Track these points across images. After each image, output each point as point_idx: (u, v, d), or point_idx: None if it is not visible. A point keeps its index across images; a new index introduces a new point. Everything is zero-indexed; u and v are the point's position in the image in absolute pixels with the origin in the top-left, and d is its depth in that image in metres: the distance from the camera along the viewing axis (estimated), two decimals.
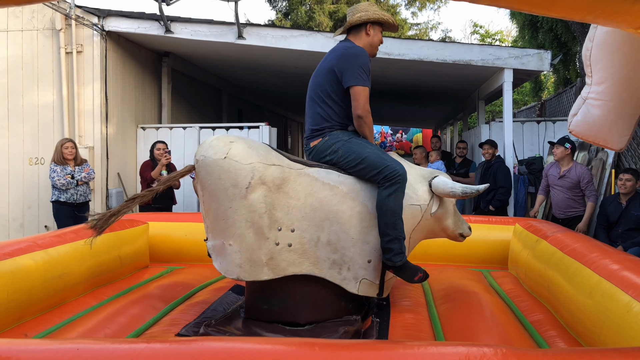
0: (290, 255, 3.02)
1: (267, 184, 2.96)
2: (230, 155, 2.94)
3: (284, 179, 3.00)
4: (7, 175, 7.48)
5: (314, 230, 3.05)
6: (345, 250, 3.08)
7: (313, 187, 3.06)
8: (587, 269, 2.96)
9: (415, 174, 3.35)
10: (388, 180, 3.04)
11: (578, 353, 1.83)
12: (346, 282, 3.10)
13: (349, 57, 3.17)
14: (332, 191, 3.08)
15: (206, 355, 1.81)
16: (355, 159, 3.11)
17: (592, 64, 3.01)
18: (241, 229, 2.94)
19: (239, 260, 2.97)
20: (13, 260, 3.19)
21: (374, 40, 3.34)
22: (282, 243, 3.00)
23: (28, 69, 7.50)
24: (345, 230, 3.07)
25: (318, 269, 3.07)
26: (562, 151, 5.90)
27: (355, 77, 3.13)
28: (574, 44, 10.73)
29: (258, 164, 2.94)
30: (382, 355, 1.79)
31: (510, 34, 23.78)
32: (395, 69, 8.13)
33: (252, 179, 2.92)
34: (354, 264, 3.10)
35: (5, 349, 1.83)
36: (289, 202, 3.02)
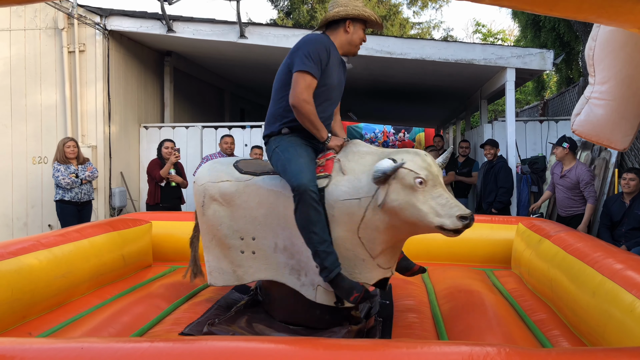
0: (255, 262, 3.21)
1: (217, 200, 3.27)
2: (195, 180, 3.47)
3: (233, 192, 3.23)
4: (11, 175, 7.50)
5: (271, 236, 3.13)
6: (300, 256, 2.99)
7: (260, 195, 3.14)
8: (590, 268, 2.95)
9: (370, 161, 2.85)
10: (292, 193, 2.82)
11: (582, 352, 1.83)
12: (305, 289, 3.00)
13: (300, 45, 2.94)
14: (277, 197, 3.05)
15: (210, 354, 1.82)
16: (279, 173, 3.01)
17: (595, 63, 3.00)
18: (207, 242, 3.38)
19: (209, 268, 3.39)
20: (17, 259, 3.20)
21: (354, 38, 3.08)
22: (247, 251, 3.22)
23: (31, 68, 7.52)
24: (296, 234, 2.93)
25: (279, 274, 3.13)
26: (560, 151, 5.92)
27: (300, 62, 2.87)
28: (576, 43, 10.71)
29: (208, 183, 3.32)
30: (385, 355, 1.80)
31: (513, 33, 23.75)
32: (397, 68, 8.12)
33: (204, 197, 3.33)
34: (309, 269, 2.95)
35: (9, 348, 1.84)
36: (244, 213, 3.20)
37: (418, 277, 4.28)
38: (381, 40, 7.36)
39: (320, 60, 2.91)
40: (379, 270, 2.92)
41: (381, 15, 20.45)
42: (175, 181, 6.44)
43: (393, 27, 20.81)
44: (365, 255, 2.87)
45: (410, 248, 3.81)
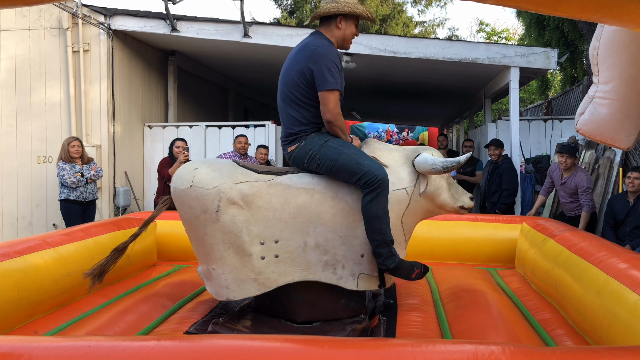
0: (279, 266, 3.05)
1: (237, 203, 2.99)
2: (195, 183, 3.00)
3: (254, 194, 3.02)
4: (16, 174, 7.53)
5: (298, 236, 3.06)
6: (336, 250, 3.06)
7: (288, 194, 3.05)
8: (594, 267, 2.95)
9: (398, 156, 3.23)
10: (368, 186, 2.92)
11: (586, 351, 1.83)
12: (343, 281, 3.09)
13: (318, 59, 3.00)
14: (309, 194, 3.05)
15: (215, 353, 1.83)
16: (332, 165, 3.01)
17: (599, 62, 3.00)
18: (220, 252, 3.01)
19: (225, 282, 3.04)
20: (23, 258, 3.22)
21: (346, 33, 3.15)
22: (268, 256, 3.04)
23: (35, 68, 7.55)
24: (331, 229, 3.04)
25: (311, 273, 3.07)
26: (572, 161, 5.83)
27: (325, 80, 2.98)
28: (580, 42, 10.69)
29: (223, 185, 2.98)
30: (390, 354, 1.80)
31: (517, 32, 23.70)
32: (401, 67, 8.12)
33: (219, 201, 2.96)
34: (348, 261, 3.08)
35: (18, 346, 1.85)
36: (267, 215, 3.03)
37: None
38: (385, 39, 7.37)
39: (339, 71, 3.07)
40: (405, 252, 3.28)
41: (385, 15, 20.43)
42: None
43: (397, 26, 20.79)
44: (401, 239, 3.23)
45: (415, 247, 3.82)
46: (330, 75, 2.98)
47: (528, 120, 8.66)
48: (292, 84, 3.12)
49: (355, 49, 7.25)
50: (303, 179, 3.09)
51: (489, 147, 6.93)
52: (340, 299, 3.16)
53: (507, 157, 6.93)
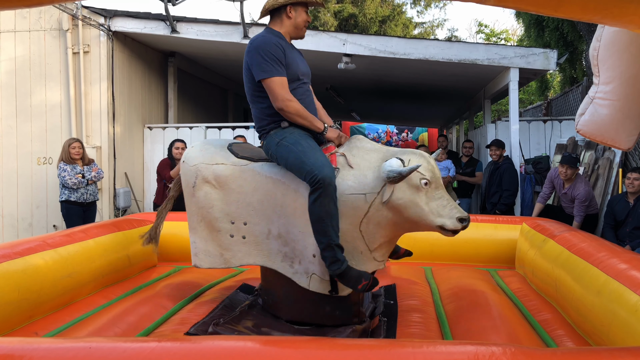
0: (245, 247, 3.23)
1: (210, 182, 3.25)
2: (185, 159, 3.39)
3: (227, 176, 3.22)
4: (16, 175, 7.53)
5: (264, 223, 3.15)
6: (295, 244, 3.06)
7: (258, 181, 3.16)
8: (594, 268, 2.96)
9: (375, 158, 2.94)
10: (311, 185, 2.79)
11: (586, 352, 1.84)
12: (298, 276, 3.06)
13: (251, 52, 3.01)
14: (275, 184, 3.10)
15: (216, 354, 1.83)
16: (285, 165, 2.98)
17: (599, 63, 3.01)
18: (194, 223, 3.34)
19: (195, 250, 3.35)
20: (24, 259, 3.22)
21: (298, 21, 3.12)
22: (237, 235, 3.23)
23: (35, 69, 7.55)
24: (292, 223, 3.05)
25: (270, 261, 3.17)
26: (572, 172, 5.83)
27: (261, 70, 2.95)
28: (580, 42, 10.69)
29: (201, 164, 3.28)
30: (390, 354, 1.80)
31: (516, 33, 23.71)
32: (400, 68, 8.12)
33: (196, 178, 3.28)
34: (304, 257, 3.03)
35: (18, 347, 1.85)
36: (238, 197, 3.20)
37: (422, 277, 4.28)
38: (384, 40, 7.37)
39: (276, 58, 2.96)
40: (374, 263, 3.01)
41: (384, 16, 20.43)
42: None
43: (397, 27, 20.79)
44: (363, 248, 2.96)
45: (414, 248, 3.81)
46: (265, 63, 2.93)
47: (527, 121, 8.66)
48: (245, 82, 3.18)
49: (355, 49, 7.26)
50: (273, 168, 3.14)
51: (490, 148, 6.94)
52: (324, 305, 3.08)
53: (508, 158, 6.94)
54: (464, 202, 7.64)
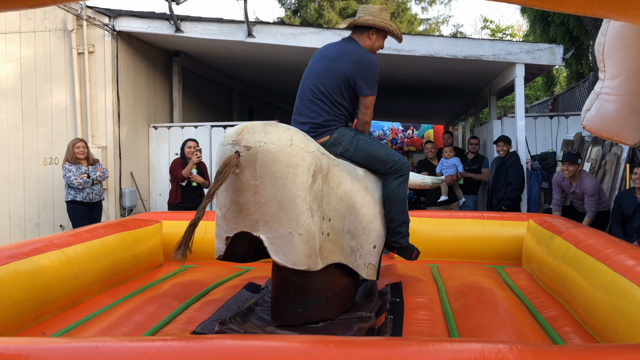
0: (329, 244, 2.98)
1: (322, 172, 2.90)
2: (295, 142, 2.77)
3: (329, 168, 3.01)
4: (22, 176, 7.57)
5: (340, 219, 3.11)
6: (358, 238, 3.24)
7: (341, 177, 3.14)
8: (602, 264, 2.94)
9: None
10: (398, 172, 3.34)
11: (594, 349, 1.82)
12: (359, 268, 3.26)
13: (365, 67, 3.26)
14: (351, 181, 3.21)
15: (222, 353, 1.83)
16: (367, 156, 3.33)
17: (605, 58, 2.98)
18: (308, 219, 2.79)
19: (308, 250, 2.79)
20: (30, 259, 3.23)
21: (375, 45, 3.45)
22: (324, 232, 2.97)
23: (41, 70, 7.58)
24: (358, 219, 3.23)
25: (344, 257, 3.15)
26: (575, 169, 5.79)
27: (370, 87, 3.28)
28: (586, 37, 10.63)
29: (317, 152, 2.86)
30: (396, 353, 1.80)
31: (521, 29, 23.60)
32: (405, 65, 8.10)
33: (316, 167, 2.82)
34: (364, 250, 3.27)
35: (25, 347, 1.86)
36: (329, 192, 2.99)
37: (429, 274, 4.27)
38: (389, 37, 7.34)
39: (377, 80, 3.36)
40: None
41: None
42: (197, 181, 6.47)
43: (402, 23, 20.74)
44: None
45: (421, 246, 3.81)
46: (375, 82, 3.30)
47: (534, 117, 8.62)
48: (330, 84, 3.28)
49: None
50: (349, 166, 3.26)
51: (497, 144, 6.94)
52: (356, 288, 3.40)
53: (514, 153, 6.93)
54: (470, 199, 7.62)
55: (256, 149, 2.71)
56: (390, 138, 22.70)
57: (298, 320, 3.04)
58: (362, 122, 3.42)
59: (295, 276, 2.98)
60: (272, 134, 2.74)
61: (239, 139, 2.74)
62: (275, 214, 2.76)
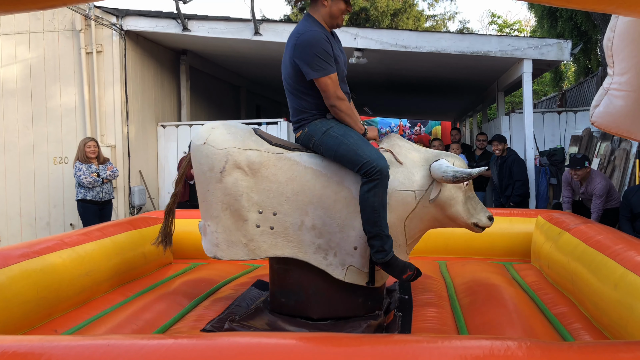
0: (272, 238, 3.09)
1: (242, 168, 3.05)
2: (209, 141, 3.09)
3: (261, 163, 3.07)
4: (33, 175, 7.63)
5: (297, 214, 3.07)
6: (331, 236, 3.06)
7: (294, 171, 3.08)
8: (611, 260, 2.93)
9: (417, 157, 3.17)
10: (367, 175, 2.86)
11: (604, 346, 1.82)
12: (332, 268, 3.08)
13: (304, 47, 2.93)
14: (315, 175, 3.07)
15: (232, 351, 1.84)
16: (334, 155, 2.99)
17: (613, 54, 2.97)
18: (217, 211, 3.09)
19: (216, 240, 3.12)
20: (42, 258, 3.26)
21: (333, 10, 3.01)
22: (264, 226, 3.08)
23: (50, 70, 7.63)
24: (330, 215, 3.05)
25: (302, 252, 3.09)
26: (582, 171, 5.72)
27: (314, 68, 2.90)
28: (594, 32, 10.55)
29: (232, 149, 3.05)
30: (405, 350, 1.80)
31: (529, 24, 23.45)
32: (412, 61, 8.08)
33: (226, 163, 3.04)
34: (341, 250, 3.07)
35: (38, 345, 1.88)
36: (270, 186, 3.07)
37: (437, 271, 4.27)
38: (396, 34, 7.34)
39: (328, 54, 2.95)
40: (406, 256, 3.19)
41: (396, 9, 20.32)
42: None
43: (408, 20, 20.67)
44: (402, 242, 3.14)
45: (429, 243, 3.81)
46: (318, 61, 2.89)
47: (542, 113, 8.58)
48: (287, 74, 3.11)
49: (366, 44, 7.23)
50: (313, 158, 3.11)
51: (492, 143, 6.93)
52: (358, 297, 3.16)
53: (512, 150, 6.94)
54: (479, 195, 7.60)
55: (191, 149, 3.22)
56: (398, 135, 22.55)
57: (282, 310, 3.21)
58: (328, 106, 3.00)
59: (277, 266, 3.25)
60: (198, 135, 3.22)
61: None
62: (200, 206, 3.23)
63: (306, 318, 3.15)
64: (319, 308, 3.14)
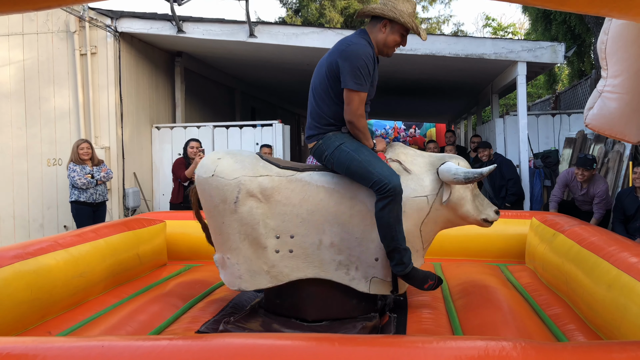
0: (292, 261, 3.08)
1: (255, 196, 3.03)
2: (217, 173, 3.05)
3: (274, 187, 3.04)
4: (26, 177, 7.59)
5: (314, 233, 3.07)
6: (350, 251, 3.08)
7: (307, 191, 3.07)
8: (605, 262, 2.94)
9: (422, 162, 3.21)
10: (380, 192, 2.89)
11: (598, 346, 1.83)
12: (355, 282, 3.10)
13: (349, 56, 2.92)
14: (328, 193, 3.07)
15: (227, 352, 1.84)
16: (346, 171, 3.01)
17: (607, 57, 2.99)
18: (236, 242, 3.06)
19: (238, 272, 3.09)
20: (36, 259, 3.25)
21: (388, 39, 3.04)
22: (283, 250, 3.06)
23: (44, 72, 7.60)
24: (347, 230, 3.07)
25: (324, 271, 3.09)
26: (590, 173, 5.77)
27: (350, 79, 2.91)
28: (588, 35, 10.62)
29: (243, 177, 3.02)
30: (401, 351, 1.81)
31: (523, 27, 23.56)
32: (407, 64, 8.11)
33: (239, 193, 3.00)
34: (362, 263, 3.09)
35: (32, 347, 1.87)
36: (284, 210, 3.05)
37: None
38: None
39: (369, 73, 2.98)
40: (422, 260, 3.26)
41: None
42: None
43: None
44: (419, 247, 3.21)
45: None
46: (359, 75, 2.91)
47: (536, 115, 8.63)
48: (321, 77, 3.10)
49: None
50: (323, 177, 3.11)
51: (478, 151, 7.02)
52: (352, 298, 3.16)
53: (497, 153, 7.08)
54: None
55: (197, 182, 3.16)
56: (393, 137, 22.68)
57: (276, 310, 3.23)
58: (346, 120, 3.01)
59: None
60: (202, 167, 3.14)
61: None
62: (215, 240, 3.20)
63: (301, 320, 3.16)
64: (315, 311, 3.15)
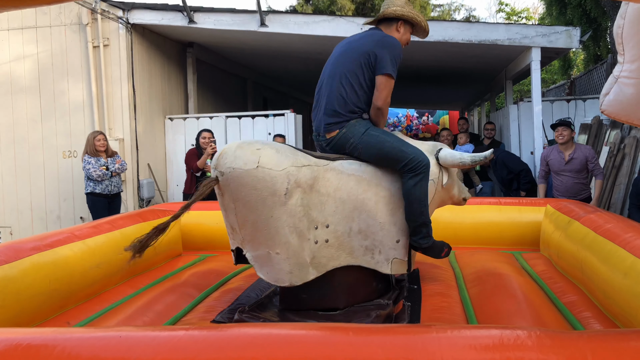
0: (328, 250, 3.08)
1: (302, 186, 2.92)
2: (262, 164, 2.83)
3: (315, 177, 2.99)
4: (43, 169, 7.69)
5: (345, 222, 3.11)
6: (375, 235, 3.18)
7: (340, 180, 3.10)
8: (621, 249, 2.91)
9: (424, 149, 3.41)
10: (413, 171, 3.09)
11: (614, 334, 1.82)
12: (380, 265, 3.21)
13: (388, 45, 3.17)
14: (357, 181, 3.14)
15: (243, 341, 1.85)
16: (377, 154, 3.15)
17: (624, 41, 2.93)
18: (286, 236, 2.90)
19: (289, 266, 2.93)
20: (53, 251, 3.30)
21: (403, 38, 3.35)
22: (320, 240, 3.05)
23: (58, 64, 7.66)
24: (372, 216, 3.16)
25: (354, 258, 3.15)
26: (569, 133, 5.63)
27: (390, 65, 3.13)
28: (604, 19, 10.44)
29: (291, 167, 2.89)
30: (415, 340, 1.81)
31: (537, 11, 23.24)
32: (419, 51, 8.04)
33: (288, 184, 2.86)
34: (384, 246, 3.20)
35: (51, 337, 1.90)
36: (321, 199, 3.03)
37: (445, 261, 4.27)
38: None
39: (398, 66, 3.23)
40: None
41: None
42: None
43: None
44: None
45: (438, 232, 3.80)
46: (395, 64, 3.15)
47: (551, 101, 8.52)
48: (351, 63, 3.19)
49: None
50: (352, 165, 3.18)
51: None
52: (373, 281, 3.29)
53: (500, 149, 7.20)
54: (487, 185, 7.59)
55: (227, 176, 2.87)
56: (405, 125, 22.55)
57: (302, 306, 3.16)
58: (374, 107, 3.18)
59: None
60: (240, 159, 2.85)
61: (217, 164, 2.92)
62: (253, 234, 2.93)
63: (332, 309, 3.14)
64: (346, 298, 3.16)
